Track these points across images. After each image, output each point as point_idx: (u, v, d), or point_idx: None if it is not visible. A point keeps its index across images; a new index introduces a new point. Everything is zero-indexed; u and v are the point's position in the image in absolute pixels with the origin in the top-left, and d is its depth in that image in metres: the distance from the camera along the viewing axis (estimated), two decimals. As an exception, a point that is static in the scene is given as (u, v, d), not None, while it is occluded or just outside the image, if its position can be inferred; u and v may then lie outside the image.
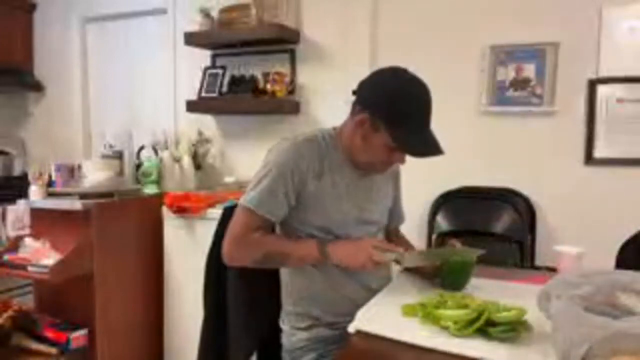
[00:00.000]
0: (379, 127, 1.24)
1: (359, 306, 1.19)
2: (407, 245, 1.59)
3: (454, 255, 1.31)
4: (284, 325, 1.43)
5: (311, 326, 1.37)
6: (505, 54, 2.37)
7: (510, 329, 0.96)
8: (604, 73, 2.21)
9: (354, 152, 1.32)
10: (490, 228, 2.30)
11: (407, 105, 1.24)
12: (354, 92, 1.32)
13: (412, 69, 1.34)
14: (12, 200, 2.35)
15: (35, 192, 2.21)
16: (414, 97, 1.26)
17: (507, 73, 2.37)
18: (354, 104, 1.31)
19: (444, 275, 1.32)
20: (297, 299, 1.39)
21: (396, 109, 1.23)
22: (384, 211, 1.47)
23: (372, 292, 1.32)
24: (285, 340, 1.42)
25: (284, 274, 1.42)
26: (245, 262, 1.32)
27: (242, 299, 1.42)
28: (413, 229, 2.43)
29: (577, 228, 2.26)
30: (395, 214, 1.57)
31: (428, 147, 1.25)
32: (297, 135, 1.34)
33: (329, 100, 2.68)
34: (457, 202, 2.42)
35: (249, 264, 1.32)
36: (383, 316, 1.11)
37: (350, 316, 1.12)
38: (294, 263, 1.33)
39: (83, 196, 2.17)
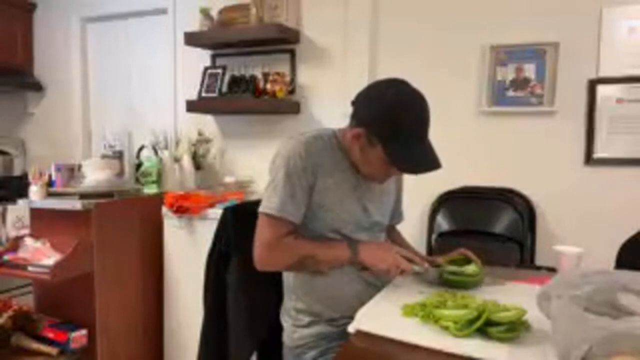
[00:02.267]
0: (375, 142, 1.23)
1: (361, 303, 1.20)
2: (404, 243, 1.60)
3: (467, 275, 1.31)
4: (285, 322, 1.43)
5: (312, 322, 1.38)
6: (505, 54, 2.37)
7: (510, 329, 0.96)
8: (604, 73, 2.21)
9: (355, 161, 1.33)
10: (490, 228, 2.30)
11: (401, 121, 1.21)
12: (353, 103, 1.32)
13: (412, 68, 1.34)
14: (12, 200, 2.35)
15: (35, 192, 2.21)
16: (408, 113, 1.22)
17: (507, 73, 2.37)
18: (352, 116, 1.31)
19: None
20: (299, 295, 1.39)
21: (390, 126, 1.21)
22: (387, 211, 1.48)
23: (374, 289, 1.32)
24: (286, 338, 1.43)
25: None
26: (278, 267, 1.34)
27: (243, 299, 1.42)
28: (413, 229, 2.44)
29: (577, 228, 2.26)
30: (395, 213, 1.58)
31: (423, 163, 1.24)
32: (303, 133, 1.34)
33: (329, 101, 2.68)
34: (457, 202, 2.42)
35: (281, 268, 1.35)
36: (383, 316, 1.11)
37: (352, 313, 1.12)
38: (325, 266, 1.32)
39: (83, 196, 2.17)
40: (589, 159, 2.26)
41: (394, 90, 1.25)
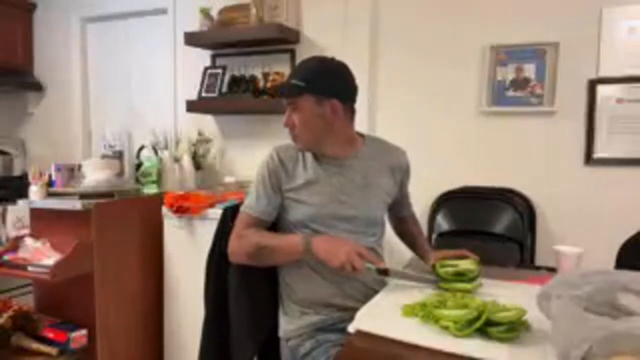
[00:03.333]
0: None
1: (339, 290, 1.32)
2: (418, 239, 1.63)
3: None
4: (281, 316, 1.47)
5: (304, 313, 1.41)
6: (505, 54, 2.37)
7: (510, 329, 0.96)
8: (604, 73, 2.21)
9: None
10: (490, 228, 2.30)
11: None
12: None
13: (412, 69, 1.36)
14: (12, 200, 2.35)
15: (35, 192, 2.21)
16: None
17: (507, 73, 2.37)
18: None
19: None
20: (285, 284, 1.45)
21: None
22: (376, 207, 1.48)
23: (351, 279, 1.37)
24: (282, 332, 1.45)
25: None
26: (240, 256, 1.39)
27: (244, 299, 1.42)
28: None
29: (577, 228, 2.26)
30: (400, 205, 1.62)
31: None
32: (279, 145, 1.47)
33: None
34: (457, 202, 2.42)
35: (244, 258, 1.39)
36: (383, 316, 1.11)
37: (334, 297, 1.27)
38: (282, 257, 1.39)
39: (83, 196, 2.17)
40: (589, 159, 2.26)
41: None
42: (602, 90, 2.22)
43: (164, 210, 2.44)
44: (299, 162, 1.43)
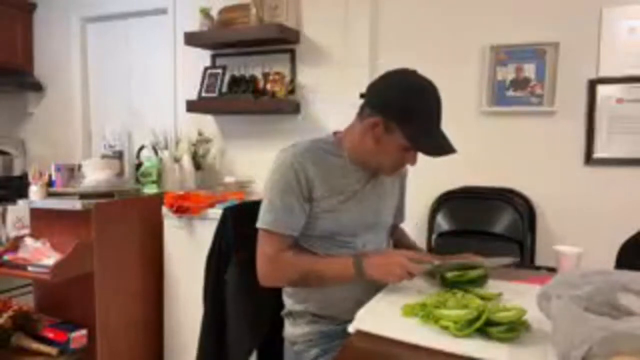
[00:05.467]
0: (392, 128, 1.23)
1: (356, 302, 1.20)
2: (409, 242, 1.62)
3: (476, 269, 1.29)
4: (287, 318, 1.44)
5: (311, 321, 1.38)
6: (505, 54, 2.37)
7: (510, 329, 0.96)
8: (604, 73, 2.21)
9: (364, 155, 1.31)
10: (490, 228, 2.30)
11: (419, 102, 1.24)
12: (362, 95, 1.31)
13: (412, 68, 1.35)
14: (12, 200, 2.35)
15: (35, 192, 2.21)
16: (424, 96, 1.25)
17: (507, 73, 2.37)
18: (363, 107, 1.30)
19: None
20: (294, 295, 1.40)
21: (409, 107, 1.23)
22: (391, 212, 1.48)
23: (369, 288, 1.31)
24: (287, 334, 1.43)
25: None
26: (281, 282, 1.33)
27: (243, 299, 1.42)
28: (413, 229, 2.44)
29: (577, 228, 2.26)
30: (398, 212, 1.58)
31: (442, 145, 1.25)
32: (295, 145, 1.32)
33: (329, 101, 2.68)
34: (457, 202, 2.42)
35: (284, 284, 1.33)
36: (383, 316, 1.11)
37: (350, 312, 1.12)
38: (330, 281, 1.29)
39: (83, 196, 2.17)
40: (589, 159, 2.26)
41: (406, 76, 1.29)
42: (602, 90, 2.22)
43: (164, 210, 2.45)
44: (322, 170, 1.29)
